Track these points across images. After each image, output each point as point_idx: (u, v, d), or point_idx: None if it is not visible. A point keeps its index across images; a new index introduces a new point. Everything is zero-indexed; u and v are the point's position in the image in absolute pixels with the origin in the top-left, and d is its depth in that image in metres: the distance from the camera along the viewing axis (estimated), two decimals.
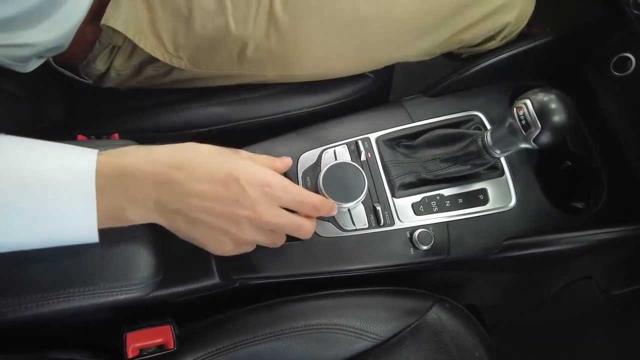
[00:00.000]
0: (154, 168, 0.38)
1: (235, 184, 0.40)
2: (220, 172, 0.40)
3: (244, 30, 0.56)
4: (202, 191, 0.39)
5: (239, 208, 0.40)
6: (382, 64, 0.66)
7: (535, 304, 0.82)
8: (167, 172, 0.38)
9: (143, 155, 0.39)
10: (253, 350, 0.50)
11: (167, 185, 0.38)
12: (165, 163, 0.39)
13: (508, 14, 0.63)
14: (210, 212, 0.40)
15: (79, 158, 0.37)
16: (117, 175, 0.37)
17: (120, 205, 0.38)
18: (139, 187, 0.38)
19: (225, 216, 0.41)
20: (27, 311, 0.41)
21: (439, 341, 0.54)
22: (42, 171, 0.35)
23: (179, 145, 0.41)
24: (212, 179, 0.40)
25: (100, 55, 0.58)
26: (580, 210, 0.65)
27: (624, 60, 0.59)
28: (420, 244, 0.55)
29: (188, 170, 0.39)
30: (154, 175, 0.38)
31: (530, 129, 0.46)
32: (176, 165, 0.39)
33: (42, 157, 0.36)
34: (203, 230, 0.41)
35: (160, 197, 0.38)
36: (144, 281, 0.44)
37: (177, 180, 0.38)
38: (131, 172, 0.37)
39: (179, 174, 0.39)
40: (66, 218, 0.36)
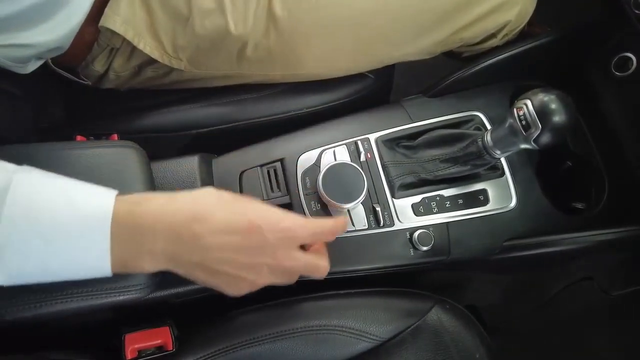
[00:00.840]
0: (173, 220, 0.37)
1: (256, 233, 0.39)
2: (240, 221, 0.39)
3: (243, 30, 0.56)
4: (224, 243, 0.38)
5: (259, 256, 0.40)
6: (382, 63, 0.66)
7: (536, 305, 0.82)
8: (188, 226, 0.37)
9: (162, 205, 0.38)
10: (252, 351, 0.50)
11: (187, 239, 0.37)
12: (185, 215, 0.38)
13: (509, 12, 0.63)
14: (232, 262, 0.39)
15: (95, 205, 0.36)
16: (133, 227, 0.36)
17: (135, 256, 0.37)
18: (156, 241, 0.37)
19: (246, 265, 0.40)
20: (26, 312, 0.41)
21: (439, 342, 0.54)
22: (59, 218, 0.34)
23: (199, 194, 0.40)
24: (233, 229, 0.39)
25: (99, 56, 0.58)
26: (580, 211, 0.65)
27: (624, 60, 0.59)
28: (420, 244, 0.55)
29: (209, 222, 0.38)
30: (172, 229, 0.37)
31: (530, 130, 0.46)
32: (196, 217, 0.38)
33: (59, 201, 0.35)
34: (223, 279, 0.41)
35: (178, 251, 0.38)
36: (143, 282, 0.44)
37: (197, 234, 0.37)
38: (148, 225, 0.36)
39: (199, 227, 0.37)
40: (80, 264, 0.36)
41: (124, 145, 0.50)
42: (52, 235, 0.34)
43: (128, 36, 0.54)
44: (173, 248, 0.37)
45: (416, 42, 0.62)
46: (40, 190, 0.35)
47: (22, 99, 0.57)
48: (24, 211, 0.34)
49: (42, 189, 0.36)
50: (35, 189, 0.35)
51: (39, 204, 0.35)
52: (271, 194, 0.57)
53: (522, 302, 0.82)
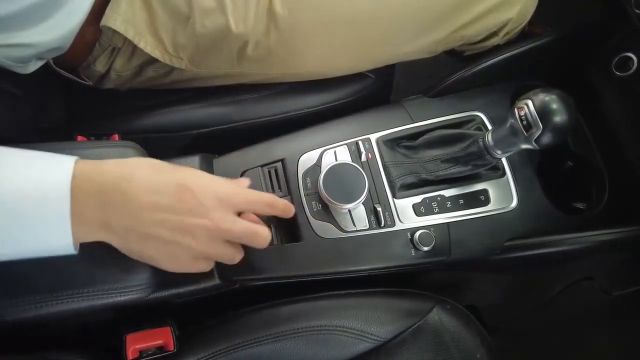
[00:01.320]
0: (101, 179, 0.37)
1: (187, 193, 0.39)
2: (172, 183, 0.39)
3: (244, 29, 0.56)
4: (154, 203, 0.38)
5: (193, 217, 0.39)
6: (383, 62, 0.66)
7: (536, 305, 0.82)
8: (116, 185, 0.37)
9: (92, 168, 0.37)
10: (253, 351, 0.50)
11: (116, 198, 0.37)
12: (113, 174, 0.37)
13: (510, 10, 0.63)
14: (164, 224, 0.38)
15: (48, 172, 0.36)
16: (64, 197, 0.36)
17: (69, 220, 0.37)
18: (86, 204, 0.36)
19: (180, 227, 0.39)
20: (26, 313, 0.41)
21: (440, 342, 0.53)
22: (15, 184, 0.35)
23: (127, 159, 0.40)
24: (163, 190, 0.38)
25: (101, 56, 0.58)
26: (581, 211, 0.65)
27: (625, 60, 0.59)
28: (421, 245, 0.55)
29: (138, 181, 0.38)
30: (101, 190, 0.37)
31: (531, 130, 0.46)
32: (125, 177, 0.37)
33: (17, 172, 0.36)
34: (157, 246, 0.40)
35: (108, 214, 0.37)
36: (144, 282, 0.44)
37: (126, 193, 0.37)
38: (77, 187, 0.36)
39: (128, 186, 0.37)
40: (40, 231, 0.36)
41: (125, 146, 0.50)
42: (10, 204, 0.34)
43: (129, 35, 0.54)
44: (103, 211, 0.37)
45: (417, 40, 0.62)
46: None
47: (22, 99, 0.57)
48: None
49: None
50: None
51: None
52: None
53: (522, 302, 0.82)
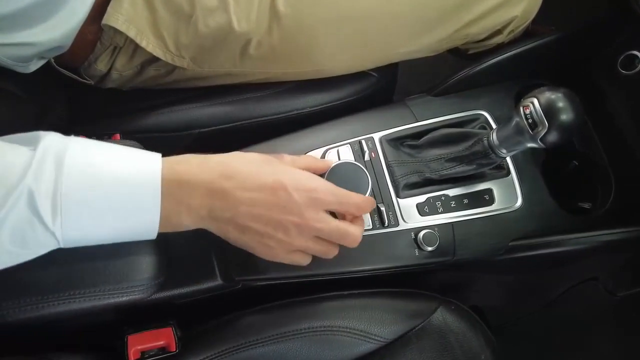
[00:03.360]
0: (208, 177, 0.40)
1: (282, 191, 0.41)
2: (268, 179, 0.42)
3: (247, 27, 0.55)
4: (251, 199, 0.41)
5: (286, 214, 0.42)
6: (386, 60, 0.66)
7: (541, 306, 0.81)
8: (219, 182, 0.40)
9: (198, 164, 0.41)
10: (256, 352, 0.50)
11: (219, 194, 0.40)
12: (217, 173, 0.40)
13: (515, 8, 0.62)
14: (259, 219, 0.42)
15: (147, 161, 0.39)
16: (177, 183, 0.39)
17: (178, 210, 0.39)
18: (195, 196, 0.39)
19: (274, 222, 0.42)
20: (28, 313, 0.41)
21: (445, 343, 0.53)
22: (116, 171, 0.37)
23: (229, 155, 0.43)
24: (260, 186, 0.41)
25: (102, 55, 0.58)
26: (587, 211, 0.64)
27: (631, 58, 0.59)
28: (425, 245, 0.54)
29: (238, 179, 0.41)
30: (207, 184, 0.40)
31: (537, 128, 0.45)
32: (227, 175, 0.41)
33: (116, 158, 0.38)
34: (252, 237, 0.43)
35: (213, 206, 0.40)
36: (146, 283, 0.44)
37: (228, 189, 0.40)
38: (188, 181, 0.39)
39: (230, 183, 0.40)
40: (131, 217, 0.38)
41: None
42: (109, 187, 0.36)
43: (130, 34, 0.54)
44: (208, 203, 0.40)
45: (420, 39, 0.62)
46: (94, 152, 0.37)
47: (24, 99, 0.57)
48: (85, 161, 0.36)
49: (97, 144, 0.38)
50: (90, 145, 0.38)
51: (98, 158, 0.37)
52: None
53: (527, 303, 0.82)
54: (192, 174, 0.39)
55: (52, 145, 0.35)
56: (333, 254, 0.47)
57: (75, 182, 0.35)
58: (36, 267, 0.41)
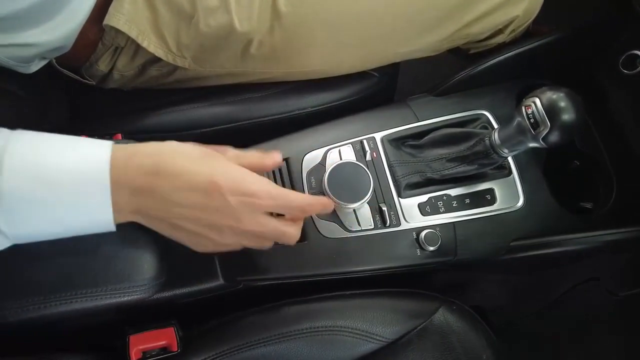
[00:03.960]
0: (136, 175, 0.37)
1: (216, 193, 0.39)
2: (202, 179, 0.39)
3: (248, 27, 0.55)
4: (183, 200, 0.38)
5: (220, 217, 0.40)
6: (387, 60, 0.66)
7: (543, 306, 0.81)
8: (148, 181, 0.38)
9: (127, 158, 0.38)
10: (257, 352, 0.49)
11: (147, 192, 0.38)
12: (145, 170, 0.38)
13: (516, 7, 0.62)
14: (192, 220, 0.40)
15: (93, 155, 0.37)
16: (102, 180, 0.37)
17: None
18: (120, 194, 0.37)
19: (206, 223, 0.40)
20: (29, 313, 0.41)
21: (446, 343, 0.53)
22: (63, 165, 0.35)
23: (161, 148, 0.39)
24: (193, 187, 0.38)
25: (103, 56, 0.58)
26: (588, 211, 0.64)
27: (632, 57, 0.59)
28: (427, 244, 0.54)
29: (168, 177, 0.38)
30: (134, 185, 0.37)
31: (539, 128, 0.45)
32: (156, 171, 0.38)
33: (62, 152, 0.36)
34: (185, 234, 0.41)
35: (140, 205, 0.38)
36: (147, 283, 0.44)
37: (156, 188, 0.38)
38: (114, 180, 0.37)
39: (159, 182, 0.38)
40: (83, 208, 0.36)
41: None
42: (57, 182, 0.35)
43: (132, 34, 0.54)
44: (136, 202, 0.38)
45: (422, 38, 0.62)
46: (42, 140, 0.36)
47: (25, 99, 0.57)
48: (32, 158, 0.35)
49: (43, 138, 0.37)
50: (38, 139, 0.36)
51: (44, 153, 0.35)
52: None
53: (528, 303, 0.82)
54: (118, 172, 0.37)
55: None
56: (268, 245, 0.45)
57: (17, 180, 0.33)
58: (38, 267, 0.41)
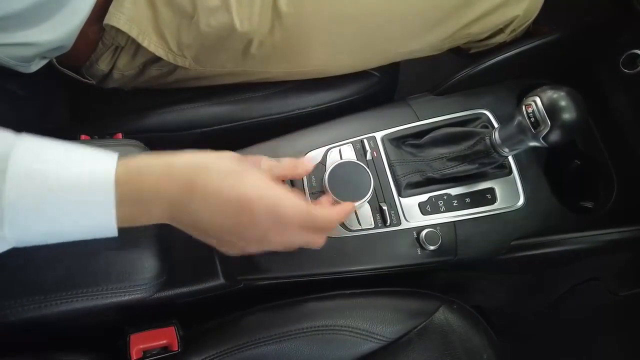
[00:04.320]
0: (170, 191, 0.38)
1: (246, 212, 0.39)
2: (233, 198, 0.39)
3: (249, 27, 0.55)
4: (214, 216, 0.39)
5: (250, 233, 0.40)
6: (388, 59, 0.66)
7: (543, 306, 0.81)
8: (181, 198, 0.38)
9: (161, 174, 0.38)
10: (258, 351, 0.49)
11: (181, 206, 0.38)
12: (179, 186, 0.38)
13: (516, 7, 0.62)
14: (222, 232, 0.40)
15: (100, 166, 0.36)
16: (136, 191, 0.37)
17: (137, 215, 0.38)
18: (156, 205, 0.38)
19: (235, 235, 0.41)
20: (30, 313, 0.40)
21: (447, 342, 0.53)
22: (66, 176, 0.35)
23: (197, 161, 0.39)
24: (224, 204, 0.39)
25: (104, 55, 0.58)
26: (589, 210, 0.64)
27: (633, 57, 0.59)
28: (428, 244, 0.54)
29: (201, 195, 0.38)
30: (169, 197, 0.38)
31: (539, 127, 0.45)
32: (191, 189, 0.38)
33: (67, 161, 0.36)
34: (215, 241, 0.42)
35: (173, 215, 0.39)
36: (148, 282, 0.44)
37: (189, 205, 0.38)
38: (149, 191, 0.37)
39: (192, 199, 0.38)
40: (86, 220, 0.36)
41: (129, 144, 0.49)
42: (60, 192, 0.34)
43: (132, 34, 0.54)
44: (169, 213, 0.39)
45: (422, 38, 0.62)
46: (46, 147, 0.36)
47: (26, 99, 0.57)
48: (28, 171, 0.34)
49: (48, 146, 0.36)
50: (41, 146, 0.36)
51: (48, 160, 0.35)
52: None
53: (529, 303, 0.82)
54: (154, 187, 0.37)
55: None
56: (293, 249, 0.45)
57: (21, 188, 0.33)
58: (38, 267, 0.41)
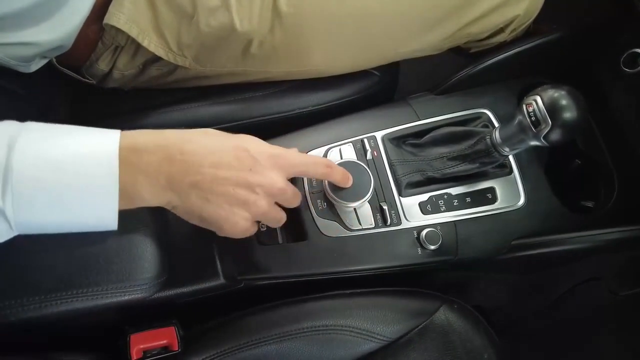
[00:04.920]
0: (166, 142, 0.38)
1: (246, 154, 0.41)
2: (230, 144, 0.41)
3: (249, 27, 0.55)
4: (216, 160, 0.39)
5: (253, 175, 0.41)
6: (388, 59, 0.66)
7: (544, 305, 0.81)
8: (179, 145, 0.38)
9: (155, 132, 0.39)
10: (258, 351, 0.49)
11: (179, 157, 0.38)
12: (174, 138, 0.39)
13: (517, 6, 0.62)
14: (226, 181, 0.40)
15: (104, 136, 0.37)
16: (132, 149, 0.37)
17: (133, 180, 0.37)
18: (152, 161, 0.37)
19: (242, 184, 0.40)
20: (30, 312, 0.40)
21: (447, 342, 0.53)
22: (71, 146, 0.35)
23: (182, 130, 0.41)
24: (223, 149, 0.40)
25: (104, 55, 0.58)
26: (590, 209, 0.64)
27: (633, 56, 0.58)
28: (428, 243, 0.54)
29: (199, 143, 0.39)
30: (165, 147, 0.38)
31: (540, 126, 0.45)
32: (186, 139, 0.39)
33: (72, 134, 0.36)
34: (218, 206, 0.41)
35: (172, 171, 0.38)
36: (148, 282, 0.44)
37: (189, 151, 0.38)
38: (143, 146, 0.37)
39: (191, 146, 0.39)
40: (90, 195, 0.36)
41: None
42: (64, 165, 0.34)
43: (132, 34, 0.54)
44: (166, 168, 0.38)
45: (422, 37, 0.62)
46: (50, 132, 0.36)
47: (26, 99, 0.57)
48: (37, 146, 0.34)
49: (52, 130, 0.36)
50: (45, 130, 0.36)
51: (49, 142, 0.35)
52: None
53: (529, 302, 0.82)
54: (148, 139, 0.38)
55: (3, 129, 0.34)
56: (283, 221, 0.47)
57: (27, 159, 0.33)
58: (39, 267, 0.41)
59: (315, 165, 0.46)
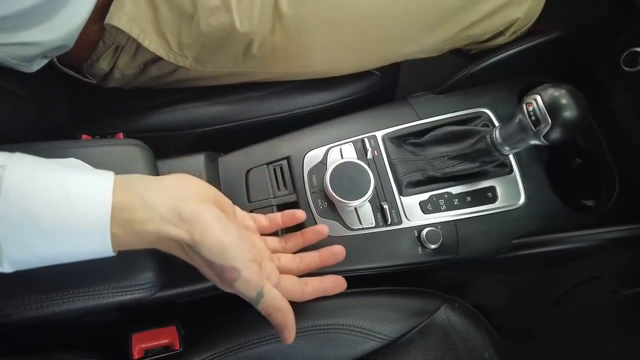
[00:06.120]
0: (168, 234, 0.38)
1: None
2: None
3: (249, 27, 0.55)
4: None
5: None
6: (388, 60, 0.66)
7: (544, 305, 0.81)
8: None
9: (159, 224, 0.37)
10: (260, 351, 0.49)
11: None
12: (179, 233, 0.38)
13: (517, 9, 0.62)
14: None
15: (92, 200, 0.35)
16: (131, 231, 0.36)
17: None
18: (149, 240, 0.38)
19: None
20: (31, 312, 0.40)
21: (448, 341, 0.53)
22: (56, 214, 0.34)
23: (193, 211, 0.38)
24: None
25: (104, 55, 0.58)
26: (590, 208, 0.64)
27: (634, 55, 0.58)
28: (429, 242, 0.54)
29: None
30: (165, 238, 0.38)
31: (540, 125, 0.45)
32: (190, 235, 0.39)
33: (55, 195, 0.34)
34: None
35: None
36: (150, 281, 0.44)
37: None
38: (144, 234, 0.37)
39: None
40: (81, 254, 0.37)
41: (130, 144, 0.49)
42: (51, 231, 0.34)
43: (133, 34, 0.54)
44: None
45: (423, 39, 0.62)
46: (34, 180, 0.34)
47: (27, 99, 0.57)
48: (18, 206, 0.33)
49: (35, 180, 0.34)
50: (28, 181, 0.34)
51: (33, 198, 0.33)
52: (277, 192, 0.57)
53: (530, 302, 0.82)
54: (148, 232, 0.37)
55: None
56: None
57: (9, 219, 0.32)
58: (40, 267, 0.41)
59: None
